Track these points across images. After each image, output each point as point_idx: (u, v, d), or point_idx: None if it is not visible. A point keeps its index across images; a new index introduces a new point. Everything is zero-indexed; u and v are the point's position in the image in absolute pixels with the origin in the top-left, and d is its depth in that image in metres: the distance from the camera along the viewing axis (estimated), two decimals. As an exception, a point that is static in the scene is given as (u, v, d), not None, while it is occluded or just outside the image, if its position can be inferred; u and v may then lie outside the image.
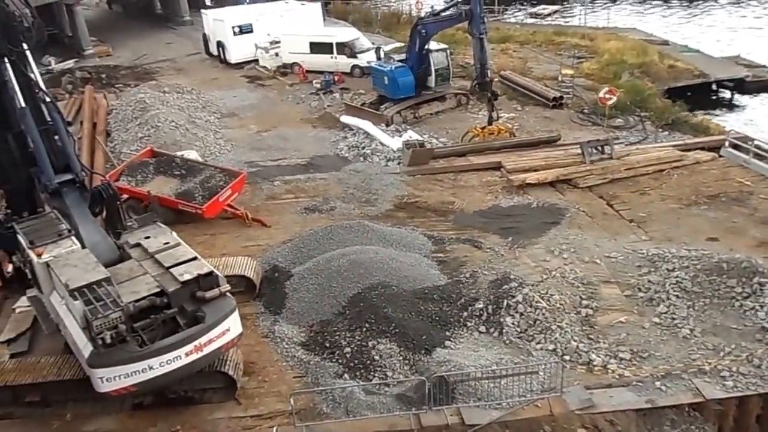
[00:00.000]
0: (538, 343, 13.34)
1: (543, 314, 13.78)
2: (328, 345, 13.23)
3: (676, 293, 14.41)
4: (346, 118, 26.92)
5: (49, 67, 38.19)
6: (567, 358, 12.97)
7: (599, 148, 21.65)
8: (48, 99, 13.79)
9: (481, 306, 14.16)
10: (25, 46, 12.73)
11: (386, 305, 13.80)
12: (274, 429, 11.05)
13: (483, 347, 13.34)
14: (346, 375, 12.54)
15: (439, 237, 17.47)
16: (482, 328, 13.85)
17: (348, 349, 13.03)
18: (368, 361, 12.71)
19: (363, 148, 24.22)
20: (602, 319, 14.07)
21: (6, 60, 12.54)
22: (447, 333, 13.67)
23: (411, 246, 16.78)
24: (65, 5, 42.98)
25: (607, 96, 25.04)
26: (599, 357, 13.01)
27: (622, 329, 13.78)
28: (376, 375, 12.50)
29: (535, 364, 12.53)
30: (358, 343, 13.10)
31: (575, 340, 13.34)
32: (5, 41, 12.33)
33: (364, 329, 13.34)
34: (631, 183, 20.39)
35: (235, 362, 12.33)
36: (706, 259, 14.97)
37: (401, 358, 12.83)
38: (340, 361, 12.85)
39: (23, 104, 12.93)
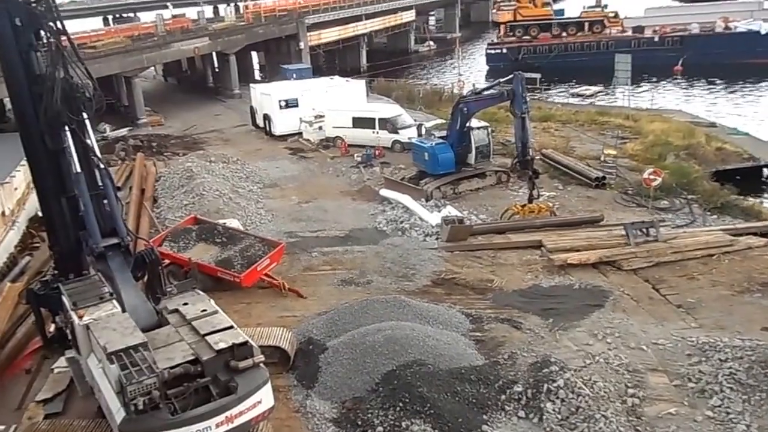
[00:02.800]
0: (581, 432, 12.80)
1: (586, 401, 13.18)
2: (360, 423, 12.88)
3: (730, 385, 13.61)
4: (385, 192, 27.18)
5: (105, 134, 39.82)
6: (612, 451, 12.37)
7: (644, 230, 21.23)
8: (102, 165, 14.31)
9: (520, 389, 13.69)
10: (84, 115, 13.33)
11: (421, 384, 13.44)
12: None
13: (520, 434, 12.87)
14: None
15: (477, 315, 17.15)
16: (521, 413, 13.32)
17: (380, 428, 12.65)
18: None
19: (401, 222, 24.31)
20: (650, 410, 13.35)
21: (66, 128, 13.13)
22: (484, 416, 13.18)
23: (448, 324, 16.50)
24: (124, 77, 45.16)
25: (652, 177, 24.72)
26: (647, 451, 12.36)
27: (672, 421, 13.01)
28: (407, 459, 12.11)
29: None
30: (391, 422, 12.71)
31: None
32: (67, 111, 12.93)
33: (398, 408, 12.97)
34: (678, 267, 19.75)
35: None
36: (761, 350, 14.20)
37: (435, 441, 12.42)
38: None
39: (79, 170, 13.43)
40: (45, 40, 13.05)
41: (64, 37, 13.23)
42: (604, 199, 26.42)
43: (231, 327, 12.25)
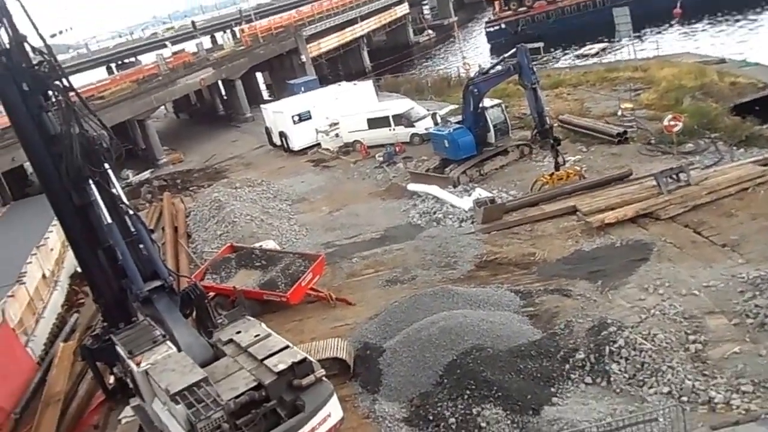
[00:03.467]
0: (651, 387, 12.61)
1: (650, 356, 13.07)
2: (431, 418, 12.87)
3: (789, 314, 13.38)
4: (413, 186, 27.09)
5: (128, 180, 40.39)
6: (685, 399, 12.19)
7: (675, 176, 20.89)
8: (131, 211, 14.47)
9: (582, 356, 13.58)
10: (106, 165, 13.49)
11: (484, 368, 13.40)
12: None
13: (592, 399, 12.72)
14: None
15: (525, 291, 17.05)
16: (588, 379, 13.25)
17: (453, 420, 12.64)
18: (475, 430, 12.26)
19: (434, 213, 24.20)
20: (714, 353, 13.22)
21: (90, 181, 13.31)
22: (552, 389, 13.13)
23: (498, 304, 16.41)
24: (137, 121, 45.80)
25: (672, 123, 24.36)
26: (719, 393, 12.15)
27: (737, 360, 12.86)
28: (486, 444, 12.05)
29: (653, 410, 11.78)
30: (462, 411, 12.69)
31: (690, 379, 12.53)
32: (88, 165, 13.10)
33: (466, 396, 12.95)
34: (715, 207, 19.47)
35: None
36: (813, 273, 13.94)
37: (509, 422, 12.32)
38: (447, 432, 12.47)
39: (110, 220, 13.59)
40: (54, 100, 13.23)
41: (72, 93, 13.44)
42: (629, 154, 26.05)
43: (287, 347, 12.31)
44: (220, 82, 55.57)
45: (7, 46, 12.63)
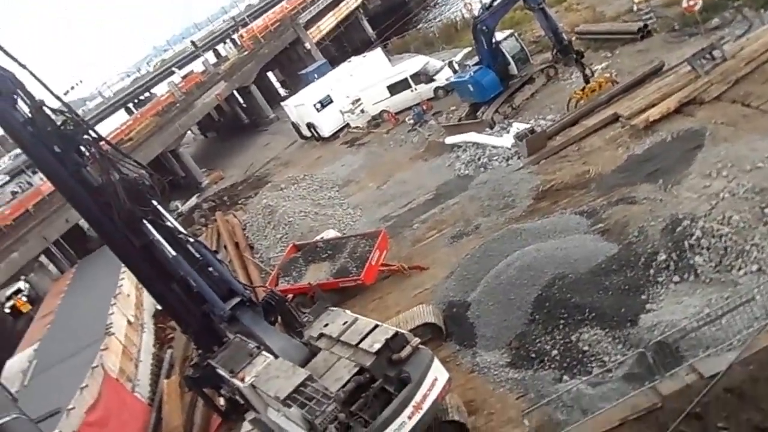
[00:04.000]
0: (739, 269, 12.43)
1: (730, 239, 12.86)
2: (534, 355, 13.00)
3: None
4: (450, 139, 26.89)
5: (178, 211, 41.27)
6: (777, 271, 11.94)
7: (708, 56, 20.10)
8: (191, 239, 14.82)
9: (663, 257, 13.44)
10: (154, 202, 13.81)
11: (571, 295, 13.42)
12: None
13: (685, 296, 12.63)
14: (565, 377, 12.21)
15: (590, 210, 16.88)
16: (675, 278, 13.12)
17: (555, 351, 12.75)
18: (580, 355, 12.35)
19: (479, 159, 23.99)
20: (793, 218, 12.82)
21: (144, 221, 13.65)
22: (643, 297, 13.07)
23: (567, 230, 16.28)
24: (170, 152, 46.61)
25: (692, 2, 23.33)
26: (809, 257, 11.84)
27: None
28: (594, 365, 12.08)
29: (748, 291, 11.58)
30: (562, 341, 12.78)
31: (777, 251, 12.24)
32: (137, 206, 13.42)
33: (561, 326, 13.03)
34: (757, 75, 18.70)
35: (456, 407, 12.34)
36: None
37: (610, 339, 12.37)
38: (552, 365, 12.57)
39: (174, 253, 13.94)
40: (87, 153, 13.51)
41: (102, 143, 13.73)
42: (656, 46, 25.26)
43: (377, 326, 12.53)
44: (235, 92, 55.92)
45: (29, 115, 12.94)
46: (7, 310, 35.45)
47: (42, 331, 25.75)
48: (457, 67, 29.19)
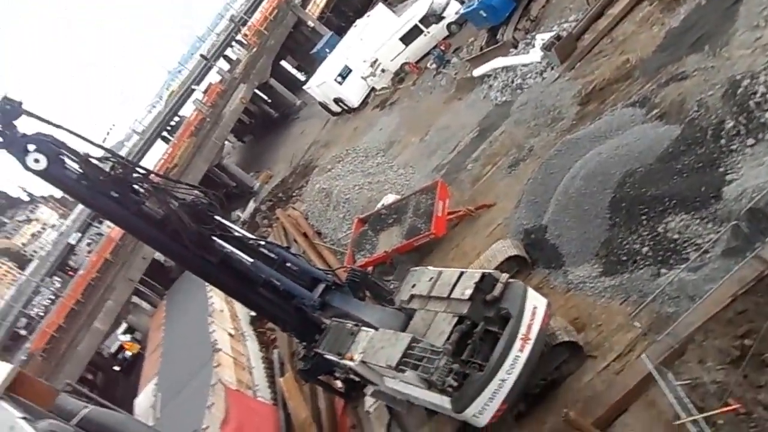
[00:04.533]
0: (815, 118, 11.81)
1: (797, 84, 12.22)
2: (625, 258, 12.80)
3: None
4: (478, 71, 26.38)
5: (241, 219, 42.16)
6: None
7: None
8: (261, 242, 15.23)
9: (731, 124, 12.88)
10: (216, 218, 14.22)
11: (646, 188, 13.09)
12: (643, 355, 10.80)
13: (765, 156, 12.11)
14: (662, 270, 12.01)
15: (640, 98, 16.29)
16: (750, 141, 12.53)
17: (645, 248, 12.52)
18: (672, 245, 12.09)
19: (512, 82, 23.47)
20: None
21: (213, 237, 14.07)
22: (720, 170, 12.57)
23: (623, 125, 15.79)
24: (215, 167, 47.50)
25: None
26: None
27: None
28: (689, 250, 11.84)
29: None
30: (649, 236, 12.53)
31: None
32: (202, 226, 13.82)
33: (644, 222, 12.76)
34: None
35: (563, 328, 12.37)
36: None
37: (698, 220, 12.03)
38: (646, 263, 12.37)
39: (251, 260, 14.35)
40: (142, 190, 13.96)
41: (152, 176, 14.19)
42: None
43: (462, 273, 12.64)
44: (257, 91, 56.20)
45: (79, 170, 13.42)
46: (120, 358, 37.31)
47: (156, 365, 26.99)
48: (462, -3, 28.56)
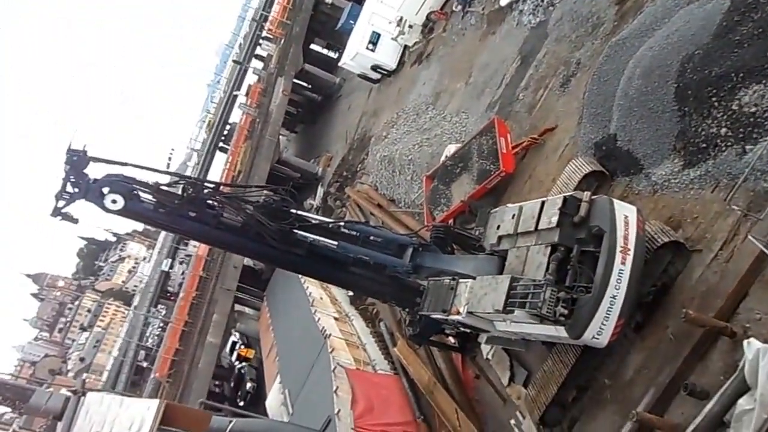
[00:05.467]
0: None
1: None
2: (705, 145, 12.36)
3: None
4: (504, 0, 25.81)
5: (314, 206, 42.89)
6: None
7: None
8: (340, 223, 15.59)
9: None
10: (292, 211, 14.62)
11: (708, 68, 12.52)
12: (750, 236, 10.52)
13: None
14: (747, 146, 11.58)
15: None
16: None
17: (723, 129, 12.05)
18: (751, 119, 11.59)
19: (542, 0, 22.83)
20: None
21: (294, 230, 14.48)
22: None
23: (667, 12, 15.00)
24: (277, 163, 48.38)
25: None
26: None
27: None
28: (769, 121, 11.38)
29: None
30: (725, 117, 12.03)
31: None
32: (281, 222, 14.22)
33: (716, 103, 12.23)
34: None
35: (660, 230, 12.18)
36: None
37: (773, 84, 11.51)
38: (728, 144, 11.93)
39: (335, 243, 14.72)
40: (216, 203, 14.45)
41: (222, 188, 14.71)
42: None
43: (543, 202, 12.60)
44: (295, 80, 56.58)
45: (154, 200, 14.02)
46: (238, 364, 38.87)
47: (275, 365, 28.07)
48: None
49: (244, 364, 37.54)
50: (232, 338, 40.52)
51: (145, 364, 52.60)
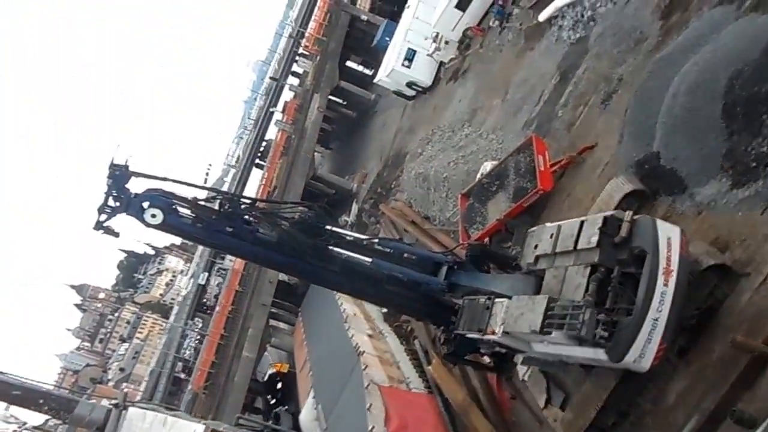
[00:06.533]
0: None
1: None
2: (755, 164, 11.91)
3: None
4: (544, 14, 25.51)
5: (349, 223, 42.91)
6: None
7: None
8: (374, 240, 15.49)
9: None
10: (327, 227, 14.56)
11: (758, 86, 12.12)
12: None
13: None
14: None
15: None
16: None
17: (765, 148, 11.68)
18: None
19: (582, 16, 22.54)
20: None
21: (329, 247, 14.39)
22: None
23: (714, 27, 14.57)
24: (311, 180, 48.68)
25: None
26: None
27: None
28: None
29: None
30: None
31: None
32: (316, 238, 14.18)
33: (766, 120, 11.86)
34: None
35: (705, 252, 11.79)
36: None
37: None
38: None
39: (369, 260, 14.60)
40: (252, 218, 14.47)
41: (258, 204, 14.72)
42: None
43: (583, 222, 12.26)
44: (330, 97, 56.97)
45: (192, 215, 14.10)
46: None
47: (308, 380, 28.03)
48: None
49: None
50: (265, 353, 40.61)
51: (182, 376, 53.04)
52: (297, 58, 71.15)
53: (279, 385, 36.74)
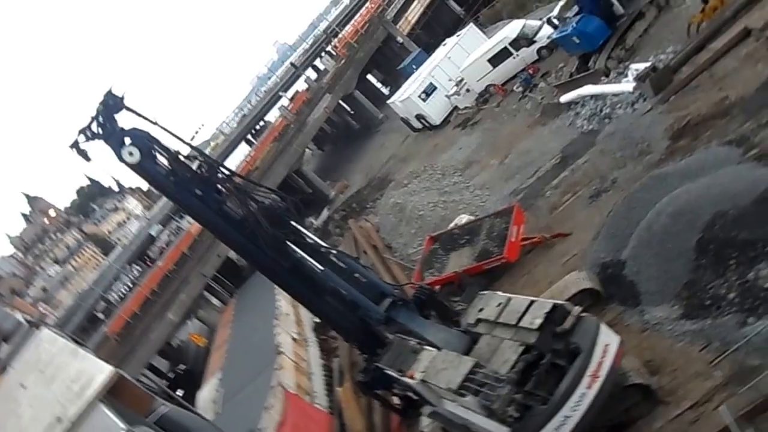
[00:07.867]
0: None
1: None
2: (709, 302, 12.11)
3: None
4: (565, 97, 25.85)
5: (314, 226, 42.69)
6: None
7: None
8: (333, 251, 15.29)
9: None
10: (292, 222, 14.36)
11: (736, 231, 12.40)
12: (722, 407, 10.13)
13: None
14: (749, 318, 11.28)
15: (738, 137, 15.46)
16: None
17: (732, 294, 11.81)
18: (762, 293, 11.35)
19: (601, 111, 22.86)
20: None
21: (287, 242, 14.20)
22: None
23: (716, 163, 15.03)
24: (294, 173, 48.43)
25: None
26: None
27: None
28: (779, 300, 11.12)
29: None
30: (738, 282, 11.82)
31: None
32: (278, 229, 13.97)
33: (733, 266, 12.07)
34: None
35: (636, 369, 11.82)
36: None
37: (793, 271, 11.31)
38: (732, 310, 11.65)
39: (321, 267, 14.41)
40: (224, 190, 14.25)
41: (235, 178, 14.45)
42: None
43: (533, 302, 12.28)
44: (341, 102, 57.08)
45: (169, 166, 13.84)
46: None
47: (221, 360, 27.55)
48: (556, 22, 28.06)
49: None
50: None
51: (101, 316, 52.03)
52: (323, 54, 71.41)
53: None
